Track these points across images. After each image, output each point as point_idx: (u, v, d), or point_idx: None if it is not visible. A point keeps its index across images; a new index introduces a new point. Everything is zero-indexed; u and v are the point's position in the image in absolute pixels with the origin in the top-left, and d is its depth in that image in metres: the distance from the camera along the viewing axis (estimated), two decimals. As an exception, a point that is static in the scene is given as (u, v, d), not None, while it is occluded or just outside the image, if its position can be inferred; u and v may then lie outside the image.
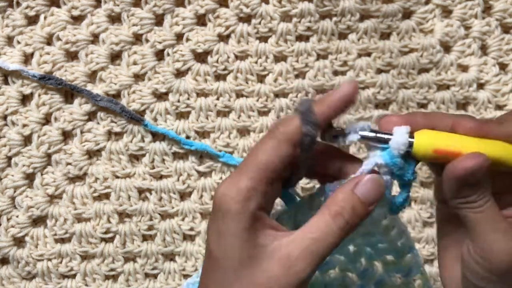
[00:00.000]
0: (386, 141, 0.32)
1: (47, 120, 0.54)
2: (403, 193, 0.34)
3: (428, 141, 0.31)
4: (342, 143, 0.32)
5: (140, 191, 0.55)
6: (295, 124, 0.31)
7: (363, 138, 0.32)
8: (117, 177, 0.54)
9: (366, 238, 0.37)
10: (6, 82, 0.53)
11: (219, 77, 0.54)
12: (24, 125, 0.53)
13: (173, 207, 0.55)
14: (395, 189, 0.34)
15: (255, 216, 0.30)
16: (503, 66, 0.56)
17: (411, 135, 0.32)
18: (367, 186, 0.31)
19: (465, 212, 0.31)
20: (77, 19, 0.53)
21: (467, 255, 0.32)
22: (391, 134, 0.32)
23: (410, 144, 0.31)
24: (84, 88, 0.53)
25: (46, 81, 0.52)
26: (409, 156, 0.32)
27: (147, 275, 0.56)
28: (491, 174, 0.31)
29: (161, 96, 0.54)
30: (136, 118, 0.53)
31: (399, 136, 0.31)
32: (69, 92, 0.54)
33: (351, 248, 0.38)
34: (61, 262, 0.55)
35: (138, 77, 0.54)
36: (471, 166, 0.30)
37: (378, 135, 0.32)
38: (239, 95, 0.54)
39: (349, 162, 0.34)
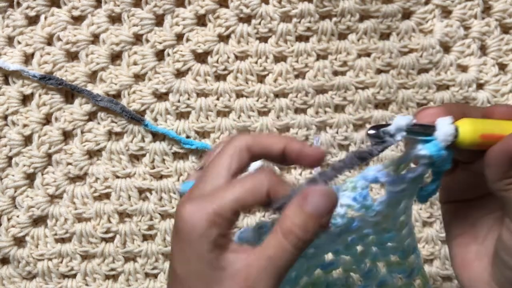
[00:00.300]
0: (429, 134, 0.31)
1: (47, 120, 0.54)
2: (435, 181, 0.34)
3: (475, 127, 0.31)
4: (390, 144, 0.31)
5: (141, 191, 0.55)
6: (284, 190, 0.31)
7: (410, 133, 0.31)
8: (118, 177, 0.54)
9: (380, 235, 0.37)
10: (6, 82, 0.54)
11: (219, 77, 0.54)
12: (25, 125, 0.54)
13: (173, 207, 0.55)
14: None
15: (218, 241, 0.30)
16: (502, 66, 0.56)
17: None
18: (315, 199, 0.30)
19: (511, 193, 0.31)
20: (77, 20, 0.53)
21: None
22: (433, 126, 0.31)
23: (455, 134, 0.31)
24: (85, 88, 0.53)
25: (47, 81, 0.53)
26: (450, 145, 0.32)
27: (147, 275, 0.56)
28: None
29: (161, 96, 0.54)
30: (136, 118, 0.53)
31: (445, 126, 0.31)
32: (69, 92, 0.54)
33: (359, 248, 0.38)
34: (61, 262, 0.55)
35: (139, 77, 0.54)
36: None
37: (424, 128, 0.31)
38: (239, 95, 0.55)
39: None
